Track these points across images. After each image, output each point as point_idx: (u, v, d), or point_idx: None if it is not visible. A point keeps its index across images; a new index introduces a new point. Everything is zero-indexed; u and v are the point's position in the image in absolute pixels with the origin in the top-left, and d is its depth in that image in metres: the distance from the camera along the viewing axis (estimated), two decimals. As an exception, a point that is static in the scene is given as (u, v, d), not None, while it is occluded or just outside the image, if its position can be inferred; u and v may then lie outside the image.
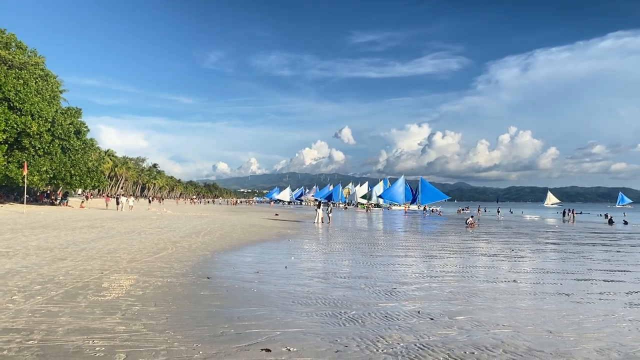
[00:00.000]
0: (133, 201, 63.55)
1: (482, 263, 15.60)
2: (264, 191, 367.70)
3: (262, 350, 5.95)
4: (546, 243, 24.45)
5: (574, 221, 54.32)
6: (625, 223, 50.55)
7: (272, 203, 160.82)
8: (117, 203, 54.85)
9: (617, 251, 20.92)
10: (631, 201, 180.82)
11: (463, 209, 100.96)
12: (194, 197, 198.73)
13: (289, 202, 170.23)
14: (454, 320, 7.76)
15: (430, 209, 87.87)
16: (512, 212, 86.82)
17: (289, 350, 6.00)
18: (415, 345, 6.40)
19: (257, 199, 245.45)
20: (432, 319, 7.84)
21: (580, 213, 70.83)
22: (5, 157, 46.60)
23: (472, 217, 42.69)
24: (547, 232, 34.91)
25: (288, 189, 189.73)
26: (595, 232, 35.04)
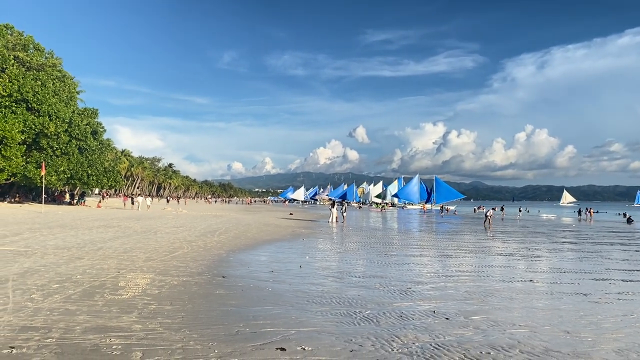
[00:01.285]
0: (150, 201, 64.14)
1: (498, 262, 15.47)
2: (279, 191, 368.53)
3: (277, 349, 5.96)
4: (563, 242, 24.18)
5: (591, 220, 53.64)
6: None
7: (286, 202, 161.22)
8: (132, 202, 55.32)
9: (636, 251, 20.61)
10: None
11: (479, 208, 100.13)
12: (209, 196, 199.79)
13: (304, 202, 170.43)
14: (469, 320, 7.70)
15: (446, 208, 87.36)
16: (528, 212, 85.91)
17: (304, 349, 6.00)
18: (431, 345, 6.37)
19: (272, 198, 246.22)
20: (447, 318, 7.79)
21: (597, 212, 69.79)
22: (24, 157, 47.32)
23: (492, 208, 42.14)
24: (564, 231, 34.53)
25: (302, 189, 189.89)
26: (613, 232, 34.56)
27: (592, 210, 59.43)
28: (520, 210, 72.98)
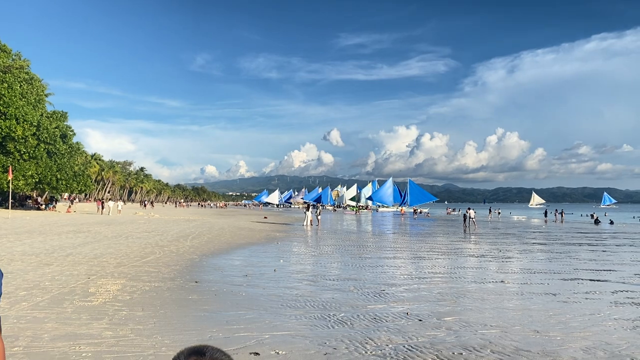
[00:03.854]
0: (121, 205, 63.14)
1: (470, 264, 15.69)
2: (253, 194, 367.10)
3: (250, 354, 5.93)
4: (533, 243, 24.66)
5: (562, 221, 54.83)
6: (611, 223, 51.10)
7: (260, 206, 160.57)
8: (102, 207, 54.18)
9: (603, 251, 21.14)
10: (616, 201, 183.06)
11: (452, 210, 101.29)
12: (182, 200, 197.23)
13: (278, 205, 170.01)
14: (442, 321, 7.79)
15: (419, 210, 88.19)
16: (499, 214, 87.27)
17: (278, 353, 5.98)
18: (404, 346, 6.42)
19: (246, 202, 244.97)
20: (420, 320, 7.87)
21: (572, 214, 71.20)
22: (-10, 161, 46.07)
23: (474, 211, 42.14)
24: (534, 232, 35.22)
25: (277, 192, 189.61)
26: (581, 232, 35.40)
27: (563, 212, 60.82)
28: (490, 212, 73.61)
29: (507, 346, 6.52)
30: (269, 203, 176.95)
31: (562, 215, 58.62)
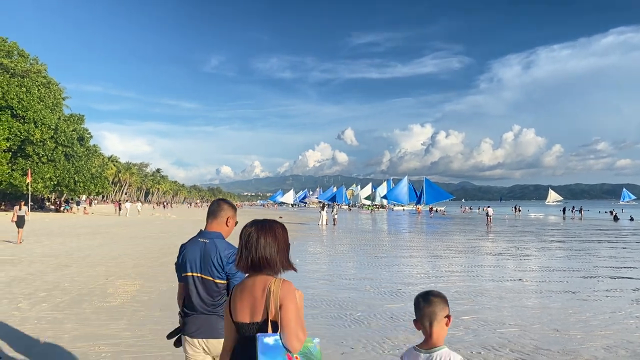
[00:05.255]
0: (140, 206, 63.80)
1: (488, 262, 15.55)
2: (268, 194, 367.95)
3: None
4: (551, 241, 24.37)
5: (581, 218, 54.12)
6: (631, 219, 50.31)
7: (275, 206, 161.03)
8: (119, 208, 54.71)
9: (623, 248, 20.82)
10: (635, 197, 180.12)
11: (468, 209, 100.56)
12: (198, 200, 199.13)
13: (293, 205, 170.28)
14: (460, 320, 7.72)
15: (435, 208, 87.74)
16: (520, 210, 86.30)
17: (295, 353, 5.97)
18: (422, 346, 6.37)
19: (262, 202, 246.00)
20: (438, 319, 7.80)
21: (588, 211, 70.34)
22: (9, 165, 46.79)
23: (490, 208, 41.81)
24: (552, 230, 34.82)
25: (292, 192, 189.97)
26: (600, 229, 34.91)
27: (582, 209, 60.22)
28: (518, 210, 74.40)
29: (527, 345, 6.44)
30: (284, 203, 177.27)
31: (581, 212, 57.89)
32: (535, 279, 12.10)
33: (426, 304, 2.41)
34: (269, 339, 2.20)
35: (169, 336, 3.39)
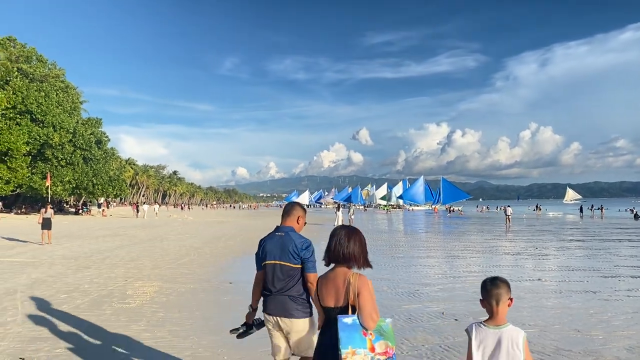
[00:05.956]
0: (158, 208, 64.46)
1: (506, 262, 15.40)
2: (283, 195, 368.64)
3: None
4: (570, 240, 24.05)
5: (602, 217, 53.31)
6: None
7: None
8: (137, 210, 55.30)
9: (645, 247, 20.47)
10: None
11: (485, 208, 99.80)
12: (214, 202, 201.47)
13: (309, 205, 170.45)
14: (478, 321, 7.65)
15: (452, 208, 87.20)
16: (540, 209, 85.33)
17: (313, 354, 5.97)
18: (440, 346, 6.34)
19: (278, 203, 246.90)
20: (456, 320, 7.75)
21: (607, 209, 69.42)
22: (29, 168, 47.53)
23: (510, 207, 41.72)
24: (570, 229, 34.37)
25: (307, 192, 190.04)
26: (620, 228, 34.38)
27: (602, 207, 59.42)
28: (539, 209, 74.35)
29: (547, 346, 6.36)
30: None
31: (601, 210, 57.00)
32: (555, 279, 11.95)
33: (493, 286, 3.03)
34: (348, 319, 2.90)
35: (233, 331, 4.33)
